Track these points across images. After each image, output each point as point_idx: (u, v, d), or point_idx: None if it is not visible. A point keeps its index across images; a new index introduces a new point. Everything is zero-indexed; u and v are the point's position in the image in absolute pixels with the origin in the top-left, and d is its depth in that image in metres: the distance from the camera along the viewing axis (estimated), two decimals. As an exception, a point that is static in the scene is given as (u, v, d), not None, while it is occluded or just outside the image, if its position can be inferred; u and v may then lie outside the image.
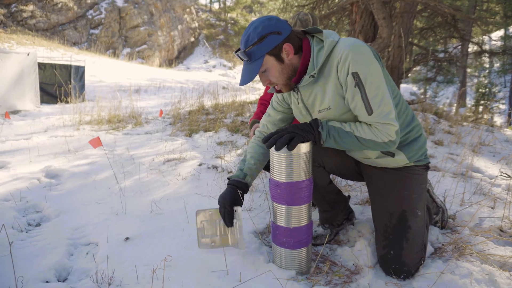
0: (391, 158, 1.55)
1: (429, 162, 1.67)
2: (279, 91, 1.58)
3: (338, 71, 1.38)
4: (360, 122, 1.43)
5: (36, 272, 1.59)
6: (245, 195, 1.70)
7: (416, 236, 1.54)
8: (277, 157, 1.48)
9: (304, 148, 1.45)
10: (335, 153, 1.72)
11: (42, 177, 2.96)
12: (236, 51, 1.47)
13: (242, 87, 16.26)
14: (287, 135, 1.39)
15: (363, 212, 2.18)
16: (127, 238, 1.88)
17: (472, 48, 12.96)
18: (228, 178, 1.75)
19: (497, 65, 18.49)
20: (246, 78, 1.46)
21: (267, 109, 1.83)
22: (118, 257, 1.71)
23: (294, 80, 1.49)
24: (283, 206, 1.53)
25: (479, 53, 8.79)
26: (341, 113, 1.46)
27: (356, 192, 2.52)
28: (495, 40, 18.01)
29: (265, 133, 1.81)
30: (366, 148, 1.44)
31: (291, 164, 1.46)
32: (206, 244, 1.70)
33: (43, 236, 1.95)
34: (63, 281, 1.59)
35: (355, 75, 1.33)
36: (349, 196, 1.99)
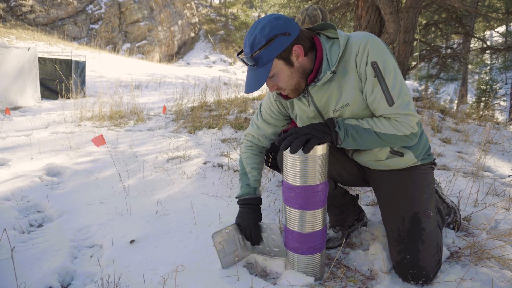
0: (401, 157, 1.49)
1: (435, 159, 1.63)
2: (286, 97, 1.49)
3: (357, 62, 1.31)
4: (377, 117, 1.36)
5: (38, 277, 1.53)
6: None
7: (431, 237, 1.48)
8: (292, 160, 1.40)
9: (320, 150, 1.37)
10: (336, 159, 1.65)
11: (43, 175, 2.89)
12: (238, 54, 1.36)
13: (242, 83, 16.16)
14: (302, 137, 1.29)
15: (375, 214, 2.12)
16: (132, 241, 1.81)
17: (474, 44, 12.86)
18: (237, 198, 1.68)
19: (498, 61, 18.39)
20: (253, 85, 1.32)
21: (255, 120, 1.71)
22: (123, 260, 1.65)
23: (310, 78, 1.39)
24: (297, 211, 1.46)
25: (482, 50, 8.70)
26: (360, 109, 1.38)
27: (366, 192, 2.46)
28: (500, 34, 17.89)
29: (256, 144, 1.72)
30: (387, 144, 1.37)
31: (306, 167, 1.38)
32: (231, 263, 1.61)
33: (46, 238, 1.89)
34: (67, 287, 1.52)
35: (374, 65, 1.28)
36: (357, 196, 1.93)
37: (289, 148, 1.31)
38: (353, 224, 1.88)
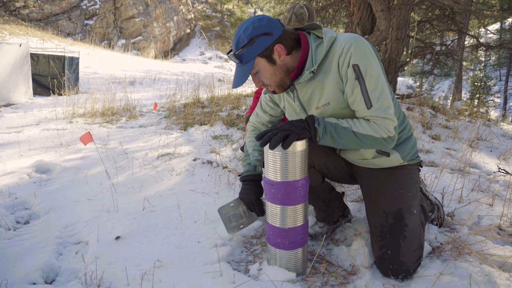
0: (387, 157, 1.53)
1: (421, 161, 1.67)
2: (273, 92, 1.54)
3: (340, 64, 1.35)
4: (357, 118, 1.40)
5: (22, 273, 1.53)
6: None
7: (412, 234, 1.51)
8: (272, 156, 1.42)
9: (299, 146, 1.39)
10: (325, 154, 1.68)
11: (32, 172, 2.89)
12: (228, 53, 1.44)
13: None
14: (281, 133, 1.33)
15: (360, 210, 2.14)
16: (118, 237, 1.82)
17: (468, 41, 12.93)
18: (239, 175, 1.79)
19: (493, 58, 18.51)
20: (239, 81, 1.43)
21: (256, 108, 1.81)
22: (108, 257, 1.66)
23: (292, 76, 1.44)
24: (278, 206, 1.48)
25: (476, 47, 8.74)
26: (340, 107, 1.42)
27: (352, 189, 2.48)
28: (492, 33, 17.99)
29: (258, 130, 1.83)
30: (364, 145, 1.40)
31: (286, 162, 1.41)
32: (235, 227, 1.76)
33: (32, 235, 1.90)
34: (51, 283, 1.53)
35: (356, 68, 1.31)
36: (343, 193, 1.96)
37: (268, 144, 1.34)
38: (338, 220, 1.91)
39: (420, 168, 1.66)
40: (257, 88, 2.64)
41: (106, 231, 1.90)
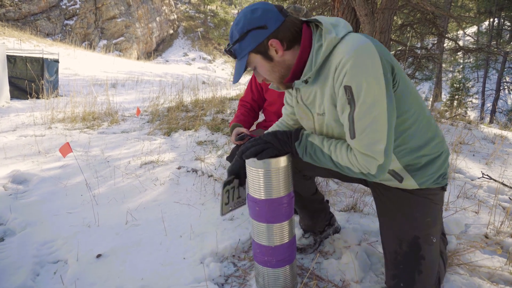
0: (398, 182, 1.31)
1: (446, 184, 1.38)
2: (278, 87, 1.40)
3: (334, 78, 1.15)
4: (343, 143, 1.23)
5: (-4, 298, 1.44)
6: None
7: (430, 267, 1.31)
8: (255, 173, 1.37)
9: (283, 162, 1.35)
10: None
11: (8, 183, 2.76)
12: (225, 48, 1.32)
13: (222, 81, 16.06)
14: (260, 146, 1.29)
15: (348, 220, 2.12)
16: (99, 255, 1.74)
17: (447, 44, 13.20)
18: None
19: (470, 60, 18.98)
20: (236, 76, 1.31)
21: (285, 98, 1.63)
22: (88, 277, 1.58)
23: (286, 81, 1.28)
24: (263, 224, 1.42)
25: (456, 50, 8.90)
26: (335, 119, 1.25)
27: (340, 197, 2.46)
28: (470, 36, 18.43)
29: (285, 121, 1.66)
30: (346, 173, 1.25)
31: (270, 179, 1.36)
32: (227, 212, 1.58)
33: (6, 254, 1.79)
34: (27, 308, 1.45)
35: (348, 90, 1.10)
36: (327, 201, 1.91)
37: (243, 154, 1.32)
38: (324, 230, 1.87)
39: (444, 188, 1.38)
40: (241, 96, 2.58)
41: (87, 248, 1.81)
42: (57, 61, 9.00)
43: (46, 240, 1.94)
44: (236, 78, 1.30)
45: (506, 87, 17.65)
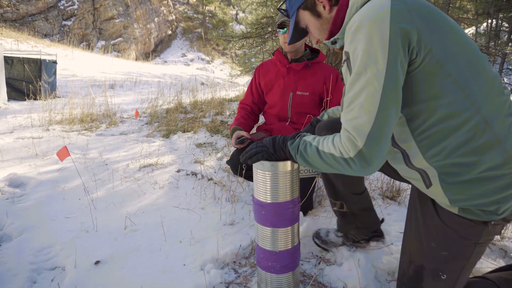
0: (425, 187, 1.09)
1: (503, 218, 1.03)
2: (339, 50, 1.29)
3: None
4: (335, 134, 1.10)
5: (-9, 307, 1.41)
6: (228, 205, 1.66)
7: None
8: (262, 176, 1.35)
9: (290, 166, 1.33)
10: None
11: (5, 187, 2.72)
12: (279, 7, 1.38)
13: (221, 82, 16.05)
14: (253, 150, 1.30)
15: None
16: (97, 262, 1.71)
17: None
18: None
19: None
20: (290, 37, 1.35)
21: None
22: (86, 285, 1.54)
23: (326, 38, 1.23)
24: (269, 229, 1.40)
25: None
26: None
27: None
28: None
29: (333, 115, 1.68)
30: (328, 167, 1.09)
31: (277, 183, 1.34)
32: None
33: (3, 260, 1.75)
34: (23, 317, 1.41)
35: (346, 56, 1.01)
36: (382, 220, 1.83)
37: (240, 158, 1.32)
38: (359, 242, 1.79)
39: (489, 224, 1.03)
40: (241, 99, 2.56)
41: (85, 255, 1.78)
42: (55, 62, 8.95)
43: (44, 246, 1.90)
44: (290, 39, 1.35)
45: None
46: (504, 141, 0.97)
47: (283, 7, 1.38)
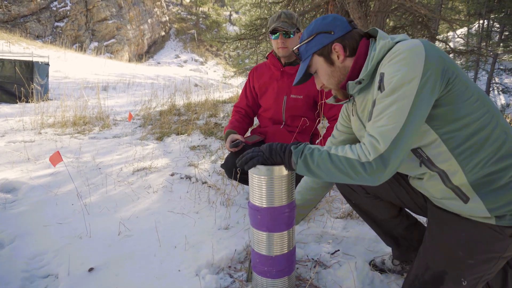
0: (463, 203, 1.12)
1: None
2: (338, 100, 1.41)
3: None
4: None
5: (-17, 317, 1.39)
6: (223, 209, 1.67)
7: None
8: (257, 180, 1.35)
9: (286, 170, 1.33)
10: (402, 187, 1.45)
11: (-4, 193, 2.69)
12: (293, 50, 1.42)
13: (214, 83, 16.03)
14: (248, 155, 1.31)
15: (345, 227, 2.09)
16: (91, 269, 1.69)
17: (438, 45, 13.33)
18: None
19: (461, 61, 19.20)
20: (297, 77, 1.40)
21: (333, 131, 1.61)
22: (80, 293, 1.53)
23: (341, 86, 1.31)
24: (264, 233, 1.40)
25: (447, 53, 8.99)
26: None
27: (336, 204, 2.43)
28: (461, 38, 18.63)
29: (335, 139, 1.63)
30: (336, 172, 1.11)
31: (272, 187, 1.34)
32: None
33: (-6, 269, 1.73)
34: (15, 327, 1.39)
35: (381, 76, 1.09)
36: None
37: (237, 163, 1.34)
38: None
39: None
40: (236, 103, 2.55)
41: (78, 262, 1.76)
42: (47, 64, 8.86)
43: (36, 253, 1.88)
44: (298, 77, 1.39)
45: (495, 88, 17.87)
46: None
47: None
